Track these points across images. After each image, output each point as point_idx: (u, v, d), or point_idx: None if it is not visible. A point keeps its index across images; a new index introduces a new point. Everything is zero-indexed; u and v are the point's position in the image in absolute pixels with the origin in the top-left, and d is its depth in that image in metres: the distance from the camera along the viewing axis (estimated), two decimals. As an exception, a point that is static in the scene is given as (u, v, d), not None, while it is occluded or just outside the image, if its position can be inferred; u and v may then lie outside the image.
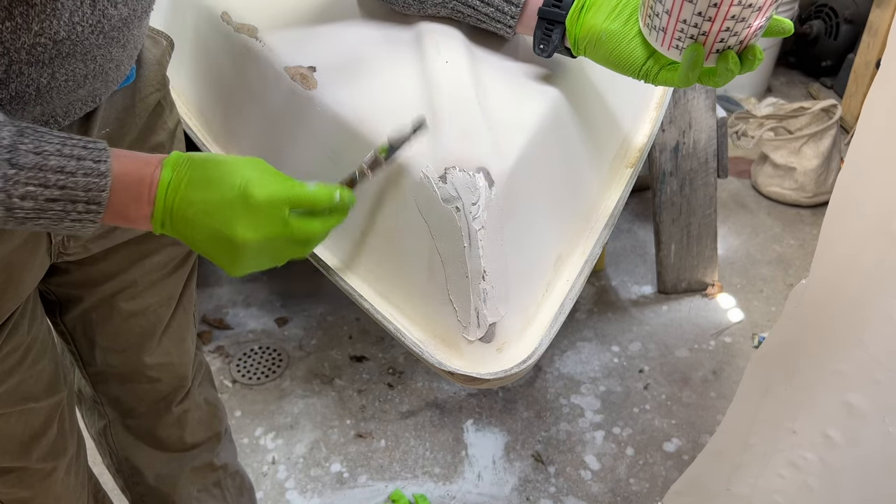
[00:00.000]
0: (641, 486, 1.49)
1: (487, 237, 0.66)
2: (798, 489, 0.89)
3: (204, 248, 0.59)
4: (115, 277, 0.84)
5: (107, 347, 0.90)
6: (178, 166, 0.57)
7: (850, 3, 2.75)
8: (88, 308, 0.86)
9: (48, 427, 0.78)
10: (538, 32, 0.72)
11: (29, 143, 0.50)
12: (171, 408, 0.98)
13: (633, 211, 2.27)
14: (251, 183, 0.57)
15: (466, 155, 0.67)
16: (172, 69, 0.97)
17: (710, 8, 0.55)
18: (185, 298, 0.94)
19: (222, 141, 0.94)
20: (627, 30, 0.65)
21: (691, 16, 0.56)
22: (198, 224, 0.57)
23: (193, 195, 0.57)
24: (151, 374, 0.93)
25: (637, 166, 0.87)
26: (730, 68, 0.59)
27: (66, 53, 0.56)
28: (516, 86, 0.76)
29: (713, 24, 0.56)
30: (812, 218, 2.26)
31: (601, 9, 0.67)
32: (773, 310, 1.93)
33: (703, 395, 1.69)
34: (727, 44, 0.58)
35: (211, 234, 0.57)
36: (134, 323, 0.88)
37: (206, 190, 0.57)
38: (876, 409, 0.78)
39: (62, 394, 0.80)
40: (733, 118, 2.40)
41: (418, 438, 1.60)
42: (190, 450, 1.04)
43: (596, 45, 0.68)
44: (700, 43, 0.58)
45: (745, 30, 0.57)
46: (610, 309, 1.94)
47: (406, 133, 0.66)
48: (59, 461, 0.81)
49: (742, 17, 0.55)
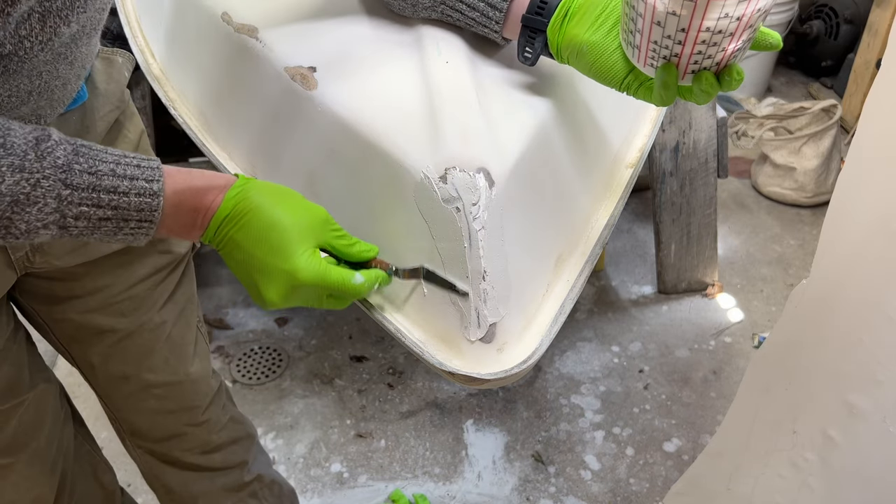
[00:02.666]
0: (641, 486, 1.49)
1: (487, 237, 0.66)
2: (798, 489, 0.89)
3: (239, 277, 0.63)
4: (99, 293, 0.81)
5: (105, 368, 0.88)
6: (240, 202, 0.60)
7: (850, 3, 2.75)
8: (78, 328, 0.83)
9: (5, 425, 0.77)
10: (521, 40, 0.71)
11: (84, 163, 0.51)
12: (190, 431, 0.96)
13: (633, 211, 2.27)
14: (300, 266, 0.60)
15: (467, 155, 0.67)
16: (173, 69, 0.97)
17: (678, 32, 0.53)
18: (181, 308, 0.90)
19: (222, 141, 0.94)
20: (609, 42, 0.63)
21: (661, 38, 0.54)
22: (239, 266, 0.61)
23: (244, 242, 0.60)
24: (158, 392, 0.90)
25: (637, 166, 0.87)
26: (704, 89, 0.57)
27: (13, 70, 0.55)
28: (517, 86, 0.76)
29: (684, 47, 0.54)
30: (812, 218, 2.26)
31: (583, 19, 0.65)
32: (773, 310, 1.93)
33: (703, 395, 1.69)
34: (701, 65, 0.56)
35: (246, 279, 0.61)
36: (129, 342, 0.85)
37: (257, 246, 0.60)
38: (876, 409, 0.77)
39: (23, 396, 0.78)
40: (733, 118, 2.40)
41: (418, 438, 1.60)
42: (220, 469, 1.02)
43: (578, 56, 0.66)
44: (673, 63, 0.56)
45: (720, 53, 0.55)
46: (610, 309, 1.94)
47: (443, 276, 0.68)
48: (19, 455, 0.79)
49: (713, 41, 0.53)
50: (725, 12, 0.51)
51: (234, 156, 0.92)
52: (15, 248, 0.70)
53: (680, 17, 0.52)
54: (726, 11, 0.51)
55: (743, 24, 0.52)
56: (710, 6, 0.50)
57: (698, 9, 0.51)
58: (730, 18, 0.51)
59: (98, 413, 1.70)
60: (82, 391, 1.69)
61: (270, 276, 0.60)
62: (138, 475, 1.53)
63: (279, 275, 0.59)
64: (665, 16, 0.52)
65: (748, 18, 0.52)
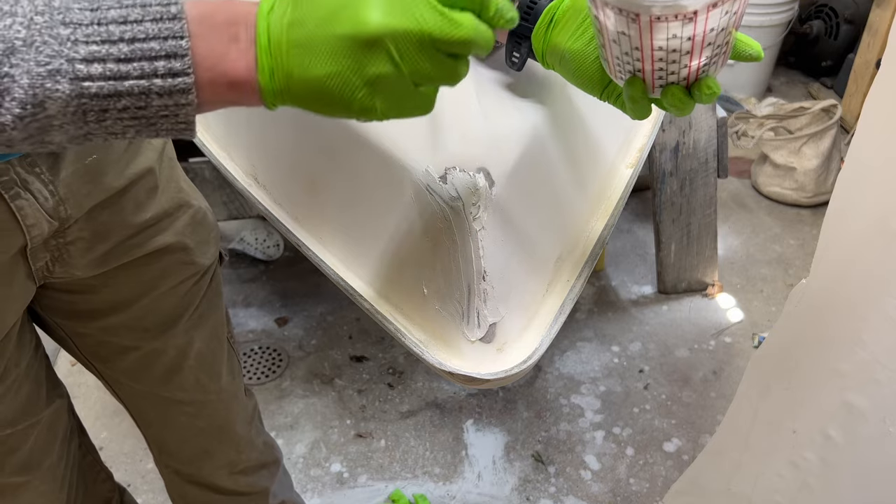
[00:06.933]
0: (641, 486, 1.49)
1: (487, 237, 0.66)
2: (798, 489, 0.89)
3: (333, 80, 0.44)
4: (121, 307, 0.78)
5: (132, 386, 0.86)
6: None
7: (850, 3, 2.75)
8: (100, 344, 0.81)
9: (23, 443, 0.75)
10: (508, 45, 0.70)
11: (84, 2, 0.42)
12: (219, 450, 0.94)
13: (633, 211, 2.27)
14: None
15: (467, 155, 0.67)
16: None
17: (633, 50, 0.52)
18: (209, 323, 0.86)
19: (222, 141, 0.94)
20: (590, 51, 0.62)
21: (621, 54, 0.54)
22: (318, 12, 0.43)
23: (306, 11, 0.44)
24: (188, 410, 0.88)
25: (637, 166, 0.88)
26: (672, 104, 0.55)
27: None
28: (517, 86, 0.76)
29: (643, 63, 0.53)
30: (812, 218, 2.26)
31: (567, 26, 0.64)
32: (773, 310, 1.93)
33: (703, 395, 1.69)
34: (667, 80, 0.54)
35: (329, 17, 0.43)
36: (155, 360, 0.83)
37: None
38: (876, 409, 0.78)
39: (41, 414, 0.77)
40: (733, 118, 2.40)
41: (418, 438, 1.60)
42: (245, 494, 1.01)
43: (561, 63, 0.65)
44: (639, 77, 0.55)
45: (683, 69, 0.53)
46: (610, 309, 1.94)
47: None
48: (33, 473, 0.78)
49: (672, 59, 0.52)
50: (673, 33, 0.49)
51: (234, 156, 0.92)
52: (36, 258, 0.66)
53: (630, 36, 0.51)
54: (673, 33, 0.49)
55: (698, 42, 0.50)
56: (655, 28, 0.49)
57: (643, 31, 0.50)
58: (680, 38, 0.50)
59: (98, 413, 1.70)
60: (82, 391, 1.69)
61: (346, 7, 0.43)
62: (139, 475, 1.53)
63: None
64: (617, 35, 0.52)
65: (703, 37, 0.50)
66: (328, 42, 0.43)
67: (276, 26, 0.44)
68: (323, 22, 0.43)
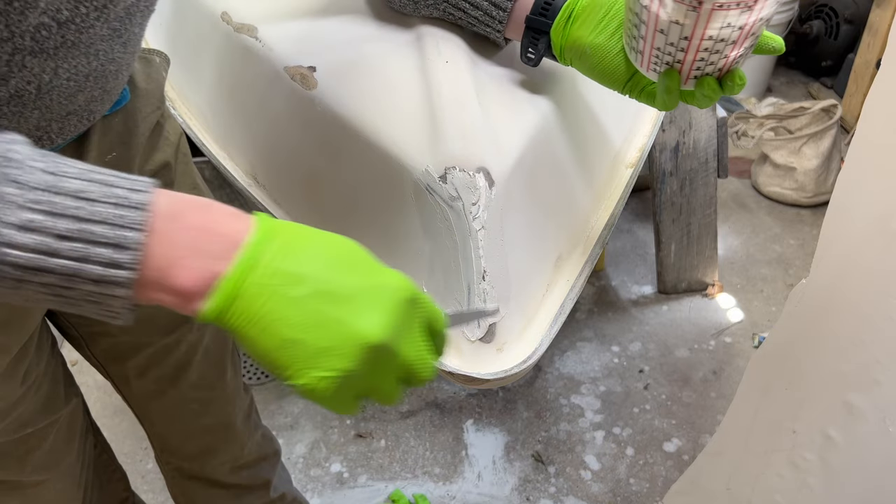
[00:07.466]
0: (641, 486, 1.49)
1: (487, 237, 0.66)
2: (798, 489, 0.89)
3: (299, 325, 0.41)
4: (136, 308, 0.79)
5: (141, 383, 0.87)
6: (281, 226, 0.43)
7: (850, 3, 2.75)
8: (116, 343, 0.82)
9: (43, 442, 0.76)
10: (525, 41, 0.71)
11: (44, 162, 0.38)
12: (222, 446, 0.95)
13: (633, 211, 2.27)
14: (404, 279, 0.44)
15: (467, 155, 0.67)
16: (172, 69, 0.97)
17: (681, 41, 0.53)
18: None
19: (222, 141, 0.94)
20: (613, 44, 0.63)
21: (664, 45, 0.55)
22: (304, 303, 0.40)
23: (313, 260, 0.41)
24: (194, 407, 0.89)
25: (637, 166, 0.88)
26: (707, 94, 0.57)
27: (71, 42, 0.51)
28: (517, 86, 0.76)
29: (686, 54, 0.55)
30: (812, 218, 2.26)
31: (587, 21, 0.65)
32: (773, 310, 1.93)
33: (703, 395, 1.69)
34: (704, 71, 0.57)
35: (317, 319, 0.40)
36: (166, 356, 0.84)
37: (334, 266, 0.42)
38: (876, 409, 0.77)
39: (60, 412, 0.78)
40: (733, 118, 2.40)
41: (418, 438, 1.60)
42: (247, 487, 1.02)
43: (581, 58, 0.66)
44: (675, 69, 0.57)
45: (722, 59, 0.55)
46: (610, 309, 1.94)
47: (466, 310, 0.64)
48: (52, 472, 0.79)
49: (716, 49, 0.54)
50: (728, 22, 0.51)
51: (234, 156, 0.92)
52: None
53: (683, 26, 0.52)
54: (729, 21, 0.51)
55: (745, 32, 0.52)
56: (713, 16, 0.50)
57: (701, 19, 0.51)
58: (732, 28, 0.51)
59: (98, 413, 1.69)
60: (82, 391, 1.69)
61: (367, 294, 0.41)
62: (139, 475, 1.53)
63: (380, 290, 0.42)
64: (668, 24, 0.53)
65: (751, 27, 0.52)
66: (332, 296, 0.41)
67: (263, 269, 0.40)
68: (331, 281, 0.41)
